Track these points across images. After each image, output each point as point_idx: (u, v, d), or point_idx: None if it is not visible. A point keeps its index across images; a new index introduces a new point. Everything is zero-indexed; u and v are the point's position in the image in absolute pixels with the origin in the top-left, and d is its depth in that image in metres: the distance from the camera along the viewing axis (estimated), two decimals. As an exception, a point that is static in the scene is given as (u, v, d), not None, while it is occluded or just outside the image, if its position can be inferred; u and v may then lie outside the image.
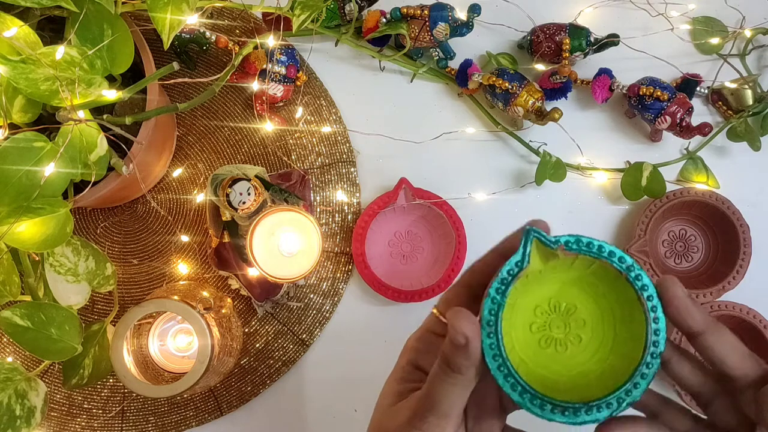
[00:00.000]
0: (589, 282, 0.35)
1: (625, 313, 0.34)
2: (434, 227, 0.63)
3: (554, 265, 0.35)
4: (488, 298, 0.34)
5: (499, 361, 0.33)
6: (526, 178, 0.64)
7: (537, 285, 0.35)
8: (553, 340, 0.36)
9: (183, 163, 0.63)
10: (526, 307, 0.36)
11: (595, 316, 0.36)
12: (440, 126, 0.64)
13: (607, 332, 0.35)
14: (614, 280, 0.34)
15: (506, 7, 0.64)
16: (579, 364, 0.35)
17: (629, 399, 0.33)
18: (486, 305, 0.34)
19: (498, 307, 0.34)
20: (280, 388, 0.62)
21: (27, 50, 0.42)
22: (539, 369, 0.35)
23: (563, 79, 0.61)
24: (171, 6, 0.45)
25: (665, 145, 0.65)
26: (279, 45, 0.59)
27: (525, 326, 0.36)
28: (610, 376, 0.34)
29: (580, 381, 0.35)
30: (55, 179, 0.43)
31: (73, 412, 0.60)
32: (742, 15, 0.65)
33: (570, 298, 0.36)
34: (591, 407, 0.33)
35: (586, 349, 0.36)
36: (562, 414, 0.33)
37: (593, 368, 0.35)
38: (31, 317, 0.44)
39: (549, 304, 0.36)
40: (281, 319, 0.62)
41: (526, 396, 0.33)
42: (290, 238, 0.57)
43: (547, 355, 0.36)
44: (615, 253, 0.33)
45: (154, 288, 0.62)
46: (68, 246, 0.49)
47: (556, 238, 0.34)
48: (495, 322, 0.33)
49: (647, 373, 0.33)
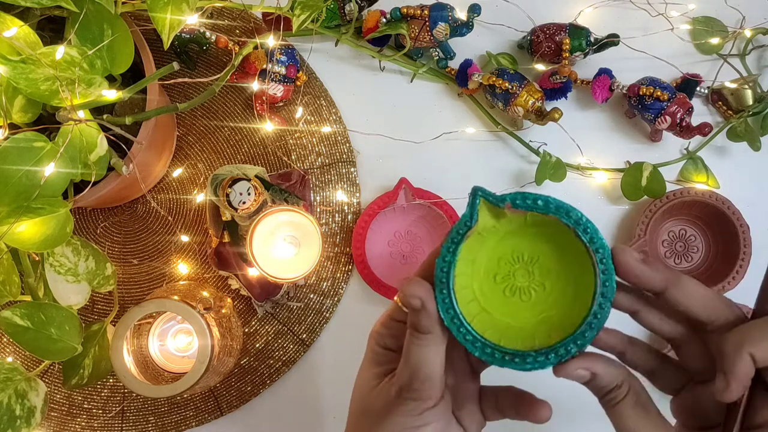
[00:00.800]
0: (548, 234, 0.36)
1: (582, 264, 0.36)
2: (434, 227, 0.63)
3: (509, 221, 0.36)
4: (439, 258, 0.36)
5: (452, 314, 0.36)
6: (526, 178, 0.64)
7: (496, 240, 0.37)
8: (518, 288, 0.37)
9: (183, 163, 0.63)
10: (489, 259, 0.37)
11: (557, 264, 0.37)
12: (440, 126, 0.64)
13: (569, 280, 0.36)
14: (567, 233, 0.35)
15: (506, 7, 0.64)
16: (542, 311, 0.37)
17: (576, 348, 0.34)
18: (438, 264, 0.36)
19: (449, 264, 0.36)
20: (280, 388, 0.62)
21: (27, 50, 0.42)
22: (505, 318, 0.37)
23: (563, 79, 0.61)
24: (171, 6, 0.45)
25: (665, 145, 0.65)
26: (279, 45, 0.59)
27: (489, 278, 0.37)
28: (570, 323, 0.35)
29: (543, 327, 0.36)
30: (55, 179, 0.43)
31: (73, 412, 0.61)
32: (742, 15, 0.65)
33: (532, 249, 0.37)
34: (540, 355, 0.35)
35: (550, 295, 0.37)
36: (512, 362, 0.35)
37: (555, 314, 0.36)
38: (31, 317, 0.44)
39: (512, 255, 0.37)
40: (281, 319, 0.62)
41: (478, 345, 0.36)
42: (290, 238, 0.57)
43: (513, 304, 0.37)
44: (562, 207, 0.35)
45: (154, 288, 0.62)
46: (68, 246, 0.49)
47: (503, 196, 0.36)
48: (447, 278, 0.36)
49: (595, 322, 0.34)
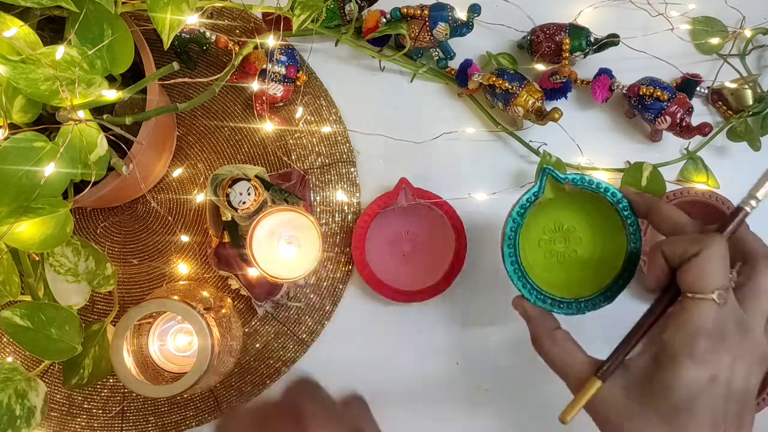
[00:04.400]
0: (587, 210, 0.48)
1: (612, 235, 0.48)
2: (434, 227, 0.63)
3: (561, 196, 0.48)
4: (510, 218, 0.47)
5: (515, 266, 0.47)
6: (526, 178, 0.64)
7: (546, 211, 0.49)
8: (556, 252, 0.49)
9: (183, 163, 0.63)
10: (537, 227, 0.49)
11: (588, 235, 0.49)
12: (440, 126, 0.64)
13: (596, 248, 0.48)
14: (607, 209, 0.47)
15: (506, 7, 0.64)
16: (575, 271, 0.49)
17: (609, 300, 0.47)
18: (508, 224, 0.47)
19: (517, 225, 0.47)
20: (280, 388, 0.62)
21: (27, 50, 0.42)
22: (545, 273, 0.48)
23: (563, 79, 0.61)
24: (171, 6, 0.45)
25: (665, 145, 0.65)
26: (279, 45, 0.59)
27: (535, 242, 0.49)
28: (595, 282, 0.47)
29: (575, 283, 0.48)
30: (55, 179, 0.43)
31: (73, 412, 0.61)
32: (742, 15, 0.65)
33: (571, 221, 0.49)
34: (580, 303, 0.47)
35: (581, 259, 0.49)
36: (558, 307, 0.47)
37: (585, 274, 0.48)
38: (31, 317, 0.44)
39: (554, 226, 0.49)
40: (281, 319, 0.62)
41: (533, 292, 0.47)
42: (290, 238, 0.57)
43: (551, 264, 0.49)
44: (609, 189, 0.46)
45: (154, 288, 0.62)
46: (68, 246, 0.49)
47: (565, 176, 0.47)
48: (514, 237, 0.47)
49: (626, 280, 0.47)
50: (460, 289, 0.62)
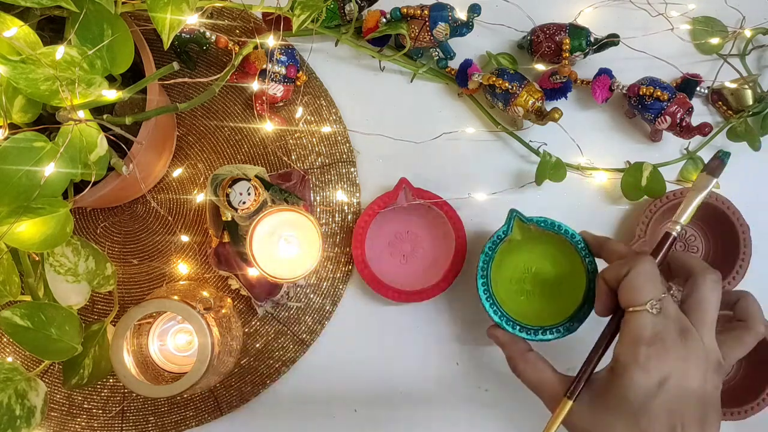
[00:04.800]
0: (552, 250, 0.55)
1: (573, 271, 0.54)
2: (434, 227, 0.63)
3: (530, 237, 0.54)
4: (483, 253, 0.54)
5: (487, 294, 0.53)
6: (526, 178, 0.64)
7: (517, 251, 0.55)
8: (525, 291, 0.56)
9: (183, 163, 0.63)
10: (509, 266, 0.56)
11: (553, 274, 0.55)
12: (440, 126, 0.64)
13: (561, 285, 0.55)
14: (569, 248, 0.54)
15: (506, 7, 0.64)
16: (540, 307, 0.55)
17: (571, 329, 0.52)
18: (481, 258, 0.54)
19: (489, 259, 0.54)
20: (280, 388, 0.62)
21: (27, 50, 0.42)
22: (514, 306, 0.54)
23: (563, 79, 0.61)
24: (171, 6, 0.45)
25: (665, 145, 0.65)
26: (279, 45, 0.59)
27: (507, 279, 0.56)
28: (557, 315, 0.53)
29: (539, 316, 0.54)
30: (55, 179, 0.43)
31: (73, 412, 0.61)
32: (742, 15, 0.65)
33: (538, 264, 0.55)
34: (545, 330, 0.53)
35: (544, 297, 0.55)
36: (526, 333, 0.53)
37: (548, 309, 0.54)
38: (31, 317, 0.44)
39: (524, 267, 0.56)
40: (281, 319, 0.62)
41: (503, 319, 0.53)
42: (290, 238, 0.57)
43: (520, 300, 0.55)
44: (569, 231, 0.53)
45: (154, 288, 0.62)
46: (68, 246, 0.49)
47: (530, 218, 0.54)
48: (486, 269, 0.54)
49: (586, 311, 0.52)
50: (460, 289, 0.62)
